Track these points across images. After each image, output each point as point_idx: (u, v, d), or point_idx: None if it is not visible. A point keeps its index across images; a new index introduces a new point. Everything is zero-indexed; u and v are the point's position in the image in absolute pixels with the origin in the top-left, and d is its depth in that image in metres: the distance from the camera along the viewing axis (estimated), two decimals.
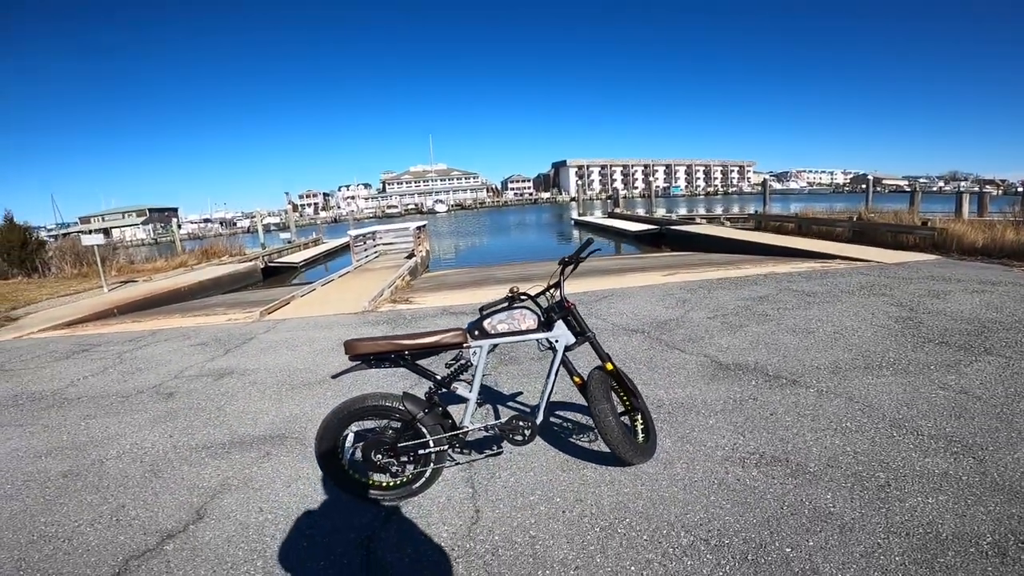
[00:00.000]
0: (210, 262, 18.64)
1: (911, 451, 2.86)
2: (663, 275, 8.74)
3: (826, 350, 4.51)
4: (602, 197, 75.24)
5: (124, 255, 19.89)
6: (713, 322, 5.59)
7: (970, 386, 3.63)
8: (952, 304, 5.81)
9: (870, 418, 3.24)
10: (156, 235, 72.42)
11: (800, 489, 2.57)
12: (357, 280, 11.40)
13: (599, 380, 2.69)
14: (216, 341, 6.49)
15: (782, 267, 8.84)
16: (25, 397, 4.94)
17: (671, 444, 3.06)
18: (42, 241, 17.75)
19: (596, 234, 23.47)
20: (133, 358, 6.01)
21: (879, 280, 7.30)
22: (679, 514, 2.44)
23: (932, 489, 2.51)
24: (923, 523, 2.29)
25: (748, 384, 3.87)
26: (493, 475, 2.87)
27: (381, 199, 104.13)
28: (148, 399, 4.60)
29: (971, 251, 9.44)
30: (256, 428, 3.78)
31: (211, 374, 5.15)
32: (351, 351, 2.50)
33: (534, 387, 4.08)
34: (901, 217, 13.04)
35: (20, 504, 3.00)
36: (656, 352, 4.73)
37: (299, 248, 23.54)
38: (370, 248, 16.56)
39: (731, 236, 14.57)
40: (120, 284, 13.58)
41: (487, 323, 2.62)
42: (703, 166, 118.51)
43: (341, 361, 4.36)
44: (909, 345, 4.53)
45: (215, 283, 13.92)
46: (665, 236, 18.91)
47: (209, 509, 2.80)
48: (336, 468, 2.62)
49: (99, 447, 3.69)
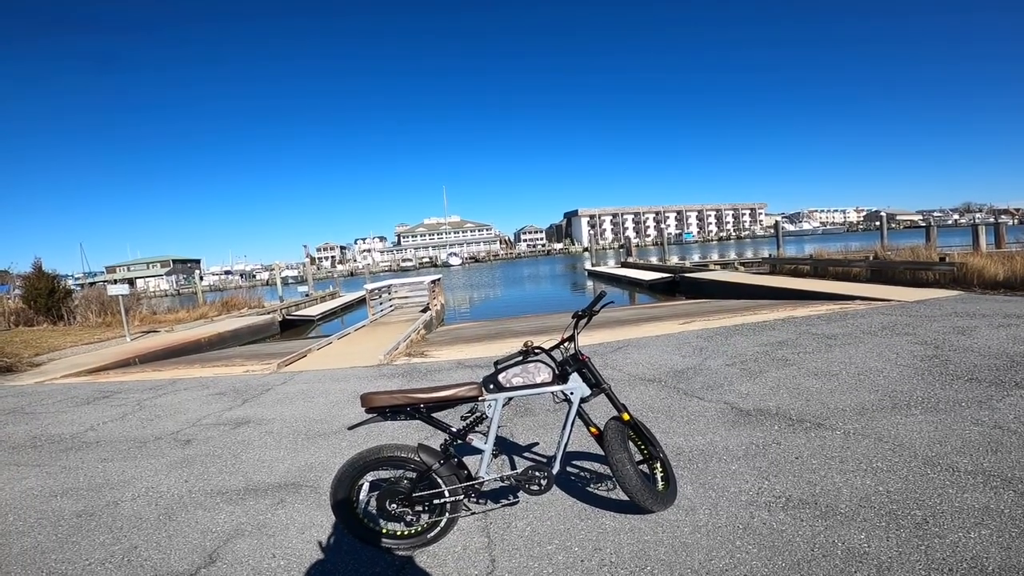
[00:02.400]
0: (230, 314, 19.02)
1: (947, 487, 2.75)
2: (679, 324, 8.67)
3: (851, 392, 4.39)
4: (614, 246, 75.95)
5: (147, 305, 20.46)
6: (732, 369, 5.50)
7: (1004, 420, 3.52)
8: (978, 340, 5.67)
9: (901, 457, 3.13)
10: (179, 286, 74.27)
11: (831, 531, 2.46)
12: (373, 333, 11.50)
13: (616, 430, 2.67)
14: (234, 391, 6.54)
15: (800, 311, 8.74)
16: (44, 439, 5.01)
17: (692, 491, 2.96)
18: (69, 290, 18.05)
19: (610, 284, 23.56)
20: (152, 405, 6.08)
21: (901, 319, 7.17)
22: (703, 560, 2.34)
23: (973, 524, 2.41)
24: (967, 558, 2.19)
25: (771, 429, 3.77)
26: (509, 524, 2.80)
27: (396, 252, 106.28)
28: (166, 445, 4.62)
29: (992, 284, 9.27)
30: (271, 476, 3.75)
31: (228, 423, 5.17)
32: (367, 403, 2.54)
33: (550, 438, 4.01)
34: (918, 253, 12.91)
35: (32, 540, 3.02)
36: (674, 401, 4.65)
37: (317, 301, 23.93)
38: (386, 301, 16.74)
39: (746, 281, 14.52)
40: (143, 334, 13.88)
41: (502, 377, 2.64)
42: (714, 210, 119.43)
43: (357, 413, 4.37)
44: (937, 383, 4.40)
45: (234, 335, 14.16)
46: (680, 284, 18.85)
47: (222, 553, 2.76)
48: (351, 516, 2.60)
49: (115, 489, 3.70)
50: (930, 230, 15.42)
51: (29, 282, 16.69)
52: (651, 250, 56.59)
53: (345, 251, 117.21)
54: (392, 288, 17.81)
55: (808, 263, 15.35)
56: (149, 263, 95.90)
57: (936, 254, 12.11)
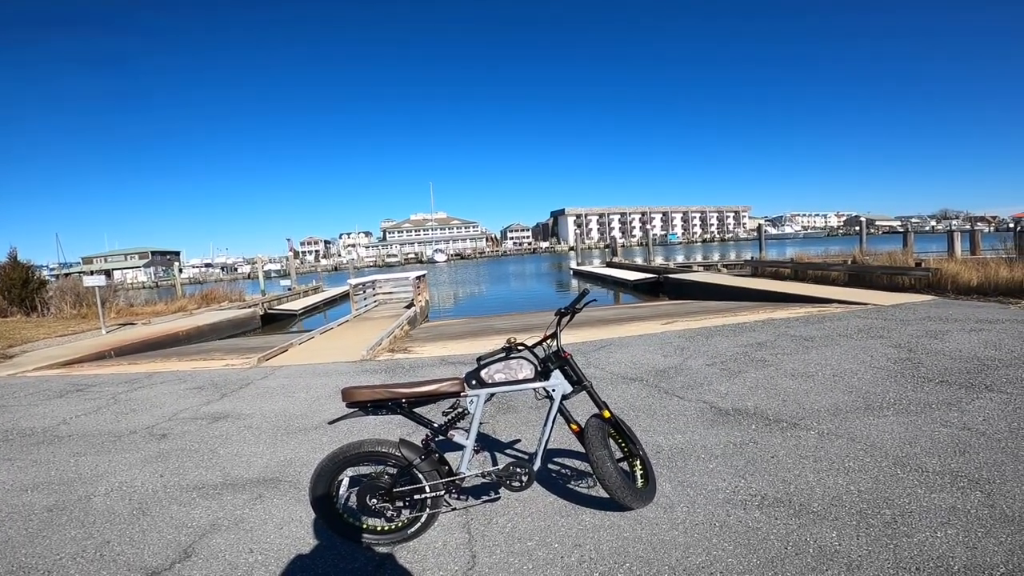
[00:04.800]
0: (210, 307, 18.70)
1: (916, 487, 2.82)
2: (661, 324, 8.75)
3: (826, 393, 4.49)
4: (600, 246, 76.31)
5: (124, 297, 19.96)
6: (712, 369, 5.58)
7: (973, 423, 3.62)
8: (950, 344, 5.82)
9: (873, 457, 3.21)
10: (157, 278, 72.73)
11: (804, 529, 2.52)
12: (356, 329, 11.40)
13: (596, 427, 2.69)
14: (212, 385, 6.44)
15: (779, 313, 8.89)
16: (16, 433, 4.89)
17: (671, 488, 3.01)
18: (44, 280, 17.65)
19: (595, 283, 23.65)
20: (128, 399, 5.95)
21: (876, 323, 7.33)
22: (680, 557, 2.37)
23: (940, 523, 2.48)
24: (933, 557, 2.25)
25: (748, 428, 3.84)
26: (490, 520, 2.80)
27: (381, 247, 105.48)
28: (141, 439, 4.53)
29: (966, 290, 9.52)
30: (250, 471, 3.71)
31: (206, 417, 5.09)
32: (348, 398, 2.52)
33: (531, 435, 4.02)
34: (895, 258, 13.20)
35: (1, 535, 2.96)
36: (655, 399, 4.70)
37: (299, 295, 23.62)
38: (369, 297, 16.62)
39: (728, 283, 14.72)
40: (119, 326, 13.57)
41: (484, 372, 2.64)
42: (699, 212, 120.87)
43: (338, 408, 4.34)
44: (909, 385, 4.52)
45: (214, 328, 13.92)
46: (663, 285, 19.03)
47: (197, 548, 2.72)
48: (330, 512, 2.58)
49: (87, 484, 3.63)
50: (908, 236, 15.80)
51: (3, 272, 16.20)
52: (636, 250, 56.98)
53: (329, 245, 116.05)
54: (376, 283, 17.68)
55: (789, 266, 15.61)
56: (127, 254, 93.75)
57: (912, 259, 12.41)
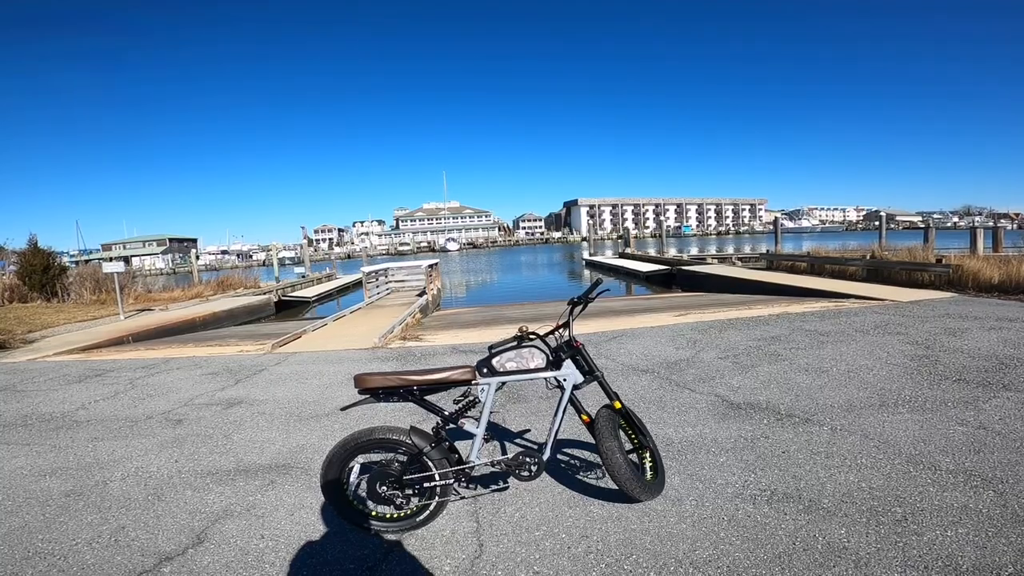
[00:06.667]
0: (225, 294, 18.95)
1: (929, 486, 2.79)
2: (674, 316, 8.69)
3: (840, 389, 4.43)
4: (613, 237, 75.69)
5: (142, 284, 20.31)
6: (724, 362, 5.53)
7: (989, 422, 3.56)
8: (969, 341, 5.71)
9: (886, 454, 3.17)
10: (174, 265, 73.83)
11: (813, 525, 2.50)
12: (368, 316, 11.49)
13: (607, 418, 2.69)
14: (227, 371, 6.54)
15: (794, 307, 8.77)
16: (35, 418, 5.00)
17: (680, 481, 3.00)
18: (64, 266, 17.91)
19: (607, 274, 23.51)
20: (144, 385, 6.07)
21: (893, 319, 7.20)
22: (687, 551, 2.37)
23: (951, 522, 2.45)
24: (942, 556, 2.23)
25: (759, 423, 3.80)
26: (498, 509, 2.82)
27: (394, 235, 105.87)
28: (157, 425, 4.62)
29: (987, 287, 9.32)
30: (262, 457, 3.77)
31: (221, 403, 5.17)
32: (360, 385, 2.53)
33: (542, 425, 4.03)
34: (915, 254, 12.91)
35: (19, 520, 3.02)
36: (666, 392, 4.68)
37: (313, 283, 23.86)
38: (382, 285, 16.72)
39: (743, 276, 14.53)
40: (137, 312, 13.82)
41: (496, 361, 2.64)
42: (714, 204, 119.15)
43: (350, 395, 4.38)
44: (925, 383, 4.44)
45: (229, 315, 14.12)
46: (676, 277, 18.86)
47: (210, 534, 2.78)
48: (340, 498, 2.61)
49: (104, 469, 3.70)
50: (928, 231, 15.38)
51: (24, 258, 16.52)
52: (649, 242, 56.49)
53: (343, 233, 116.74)
54: (389, 271, 17.77)
55: (805, 260, 15.37)
56: (145, 241, 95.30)
57: (933, 255, 12.13)
